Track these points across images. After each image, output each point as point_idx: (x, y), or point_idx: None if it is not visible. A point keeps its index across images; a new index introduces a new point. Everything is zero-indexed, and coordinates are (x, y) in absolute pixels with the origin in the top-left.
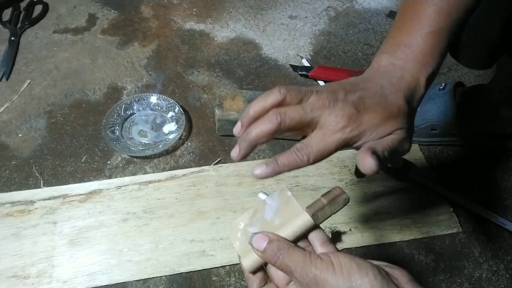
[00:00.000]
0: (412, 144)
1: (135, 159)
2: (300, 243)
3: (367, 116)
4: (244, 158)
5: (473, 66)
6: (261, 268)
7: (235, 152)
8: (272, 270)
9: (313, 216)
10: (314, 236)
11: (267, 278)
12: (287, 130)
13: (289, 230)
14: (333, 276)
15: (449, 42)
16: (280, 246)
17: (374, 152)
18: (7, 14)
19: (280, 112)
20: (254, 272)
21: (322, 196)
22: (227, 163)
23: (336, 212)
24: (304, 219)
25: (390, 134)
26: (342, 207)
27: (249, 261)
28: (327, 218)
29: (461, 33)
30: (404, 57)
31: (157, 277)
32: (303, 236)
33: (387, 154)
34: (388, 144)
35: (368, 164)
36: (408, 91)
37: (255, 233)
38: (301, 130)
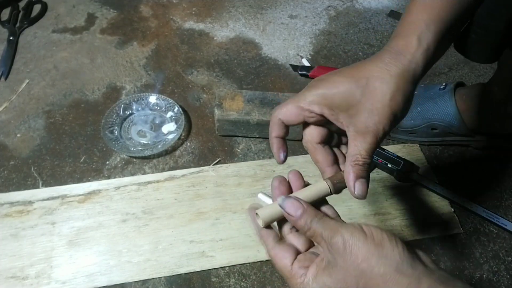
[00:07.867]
0: (413, 144)
1: (134, 160)
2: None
3: None
4: None
5: (480, 60)
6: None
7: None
8: (291, 237)
9: (327, 181)
10: (325, 210)
11: (280, 235)
12: None
13: (306, 193)
14: (364, 243)
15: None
16: (313, 213)
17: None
18: (5, 13)
19: None
20: (267, 225)
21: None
22: (227, 163)
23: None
24: (321, 184)
25: None
26: None
27: (266, 213)
28: (340, 182)
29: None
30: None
31: (156, 278)
32: (318, 202)
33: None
34: None
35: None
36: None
37: (287, 197)
38: None
